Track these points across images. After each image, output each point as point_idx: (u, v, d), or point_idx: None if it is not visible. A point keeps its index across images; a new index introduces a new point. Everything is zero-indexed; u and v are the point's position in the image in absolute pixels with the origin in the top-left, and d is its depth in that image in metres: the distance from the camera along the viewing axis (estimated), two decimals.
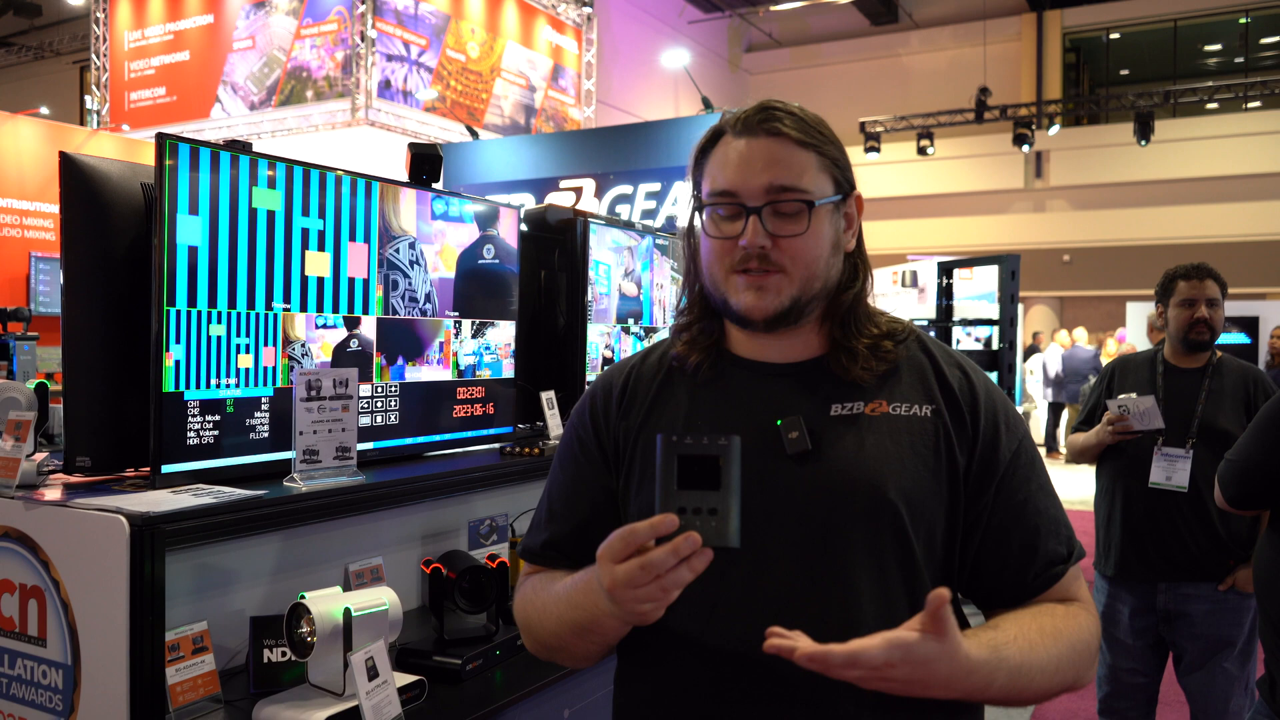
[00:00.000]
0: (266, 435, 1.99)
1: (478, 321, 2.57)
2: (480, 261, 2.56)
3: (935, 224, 18.47)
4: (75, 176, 1.81)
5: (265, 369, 1.99)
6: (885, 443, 1.15)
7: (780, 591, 1.11)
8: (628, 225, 3.31)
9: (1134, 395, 3.06)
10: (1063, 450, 10.75)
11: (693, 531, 0.93)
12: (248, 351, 1.95)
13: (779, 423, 1.15)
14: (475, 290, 2.55)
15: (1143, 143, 15.35)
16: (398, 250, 2.29)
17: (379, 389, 2.27)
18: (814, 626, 1.08)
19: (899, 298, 7.48)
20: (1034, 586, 1.16)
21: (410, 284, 2.34)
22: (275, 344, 2.01)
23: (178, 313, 1.81)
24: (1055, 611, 1.15)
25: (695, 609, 1.13)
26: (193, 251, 1.83)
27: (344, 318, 2.16)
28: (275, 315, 2.00)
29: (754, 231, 1.13)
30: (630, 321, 3.22)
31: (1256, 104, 17.08)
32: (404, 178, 2.42)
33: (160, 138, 1.79)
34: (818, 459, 1.14)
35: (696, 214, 1.22)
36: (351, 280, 2.17)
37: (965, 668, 1.00)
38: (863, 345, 1.18)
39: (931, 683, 0.99)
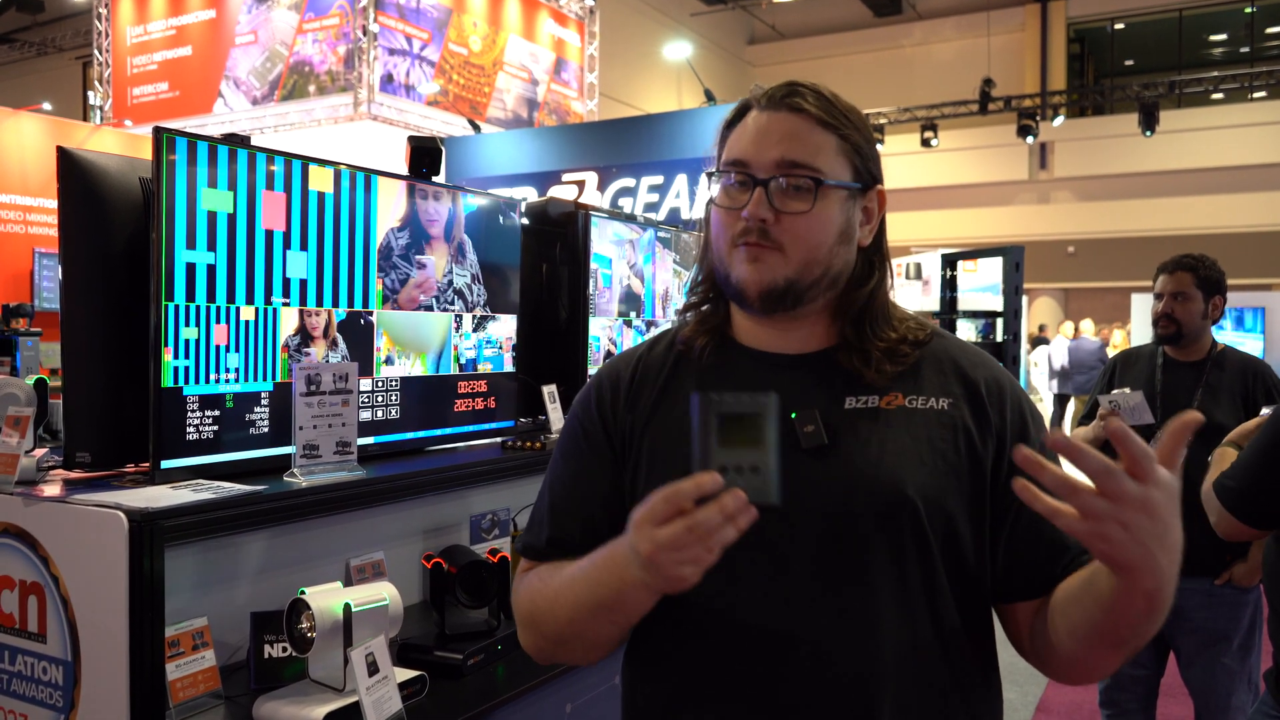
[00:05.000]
0: (266, 430, 1.99)
1: (479, 315, 2.56)
2: (481, 255, 2.55)
3: (939, 216, 18.43)
4: (73, 171, 1.80)
5: (265, 364, 1.98)
6: (904, 438, 1.12)
7: (797, 591, 1.09)
8: (629, 218, 3.30)
9: (1126, 390, 3.07)
10: None
11: (737, 489, 0.91)
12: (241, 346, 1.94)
13: (793, 415, 1.12)
14: (477, 283, 2.54)
15: (1147, 133, 15.30)
16: (397, 244, 2.28)
17: (379, 383, 2.26)
18: (831, 627, 1.07)
19: (903, 290, 7.47)
20: (1062, 577, 1.11)
21: (411, 277, 2.33)
22: (274, 339, 2.00)
23: (176, 308, 1.80)
24: None
25: (711, 608, 1.11)
26: (190, 247, 1.83)
27: (347, 312, 2.15)
28: (274, 310, 2.00)
29: (756, 203, 1.12)
30: (632, 315, 3.21)
31: (1262, 94, 17.03)
32: (405, 171, 2.41)
33: (158, 131, 1.77)
34: (834, 454, 1.11)
35: (712, 188, 1.21)
36: (352, 274, 2.17)
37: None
38: (877, 348, 1.15)
39: (1171, 538, 0.90)
